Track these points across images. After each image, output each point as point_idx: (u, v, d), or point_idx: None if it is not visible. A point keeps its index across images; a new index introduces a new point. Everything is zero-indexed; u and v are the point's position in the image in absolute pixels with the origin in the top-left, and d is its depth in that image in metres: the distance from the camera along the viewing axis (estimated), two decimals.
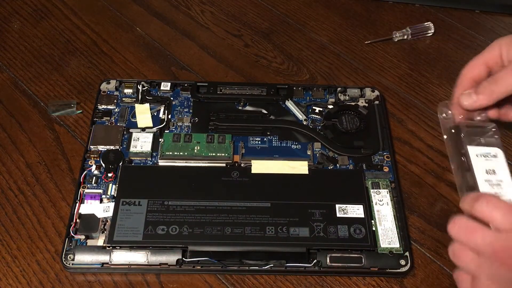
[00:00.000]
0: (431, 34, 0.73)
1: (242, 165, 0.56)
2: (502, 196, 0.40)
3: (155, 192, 0.52)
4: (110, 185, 0.54)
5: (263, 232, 0.50)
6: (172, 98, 0.62)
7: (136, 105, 0.61)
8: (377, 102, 0.63)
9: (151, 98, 0.62)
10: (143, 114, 0.60)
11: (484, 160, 0.43)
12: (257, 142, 0.58)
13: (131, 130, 0.58)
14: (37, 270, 0.50)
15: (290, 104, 0.62)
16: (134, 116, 0.60)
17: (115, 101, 0.61)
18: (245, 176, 0.54)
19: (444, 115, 0.47)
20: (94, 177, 0.54)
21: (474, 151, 0.43)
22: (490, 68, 0.45)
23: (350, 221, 0.51)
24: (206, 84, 0.63)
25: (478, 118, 0.45)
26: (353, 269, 0.49)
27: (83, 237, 0.50)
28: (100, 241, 0.50)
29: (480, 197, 0.37)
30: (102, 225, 0.51)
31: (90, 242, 0.50)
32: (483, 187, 0.41)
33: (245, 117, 0.61)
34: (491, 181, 0.41)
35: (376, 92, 0.63)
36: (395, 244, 0.50)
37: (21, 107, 0.62)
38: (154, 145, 0.57)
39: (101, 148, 0.57)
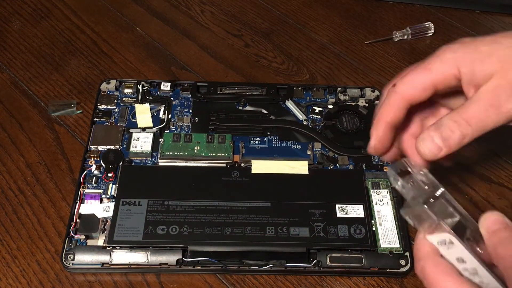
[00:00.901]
0: (431, 34, 0.73)
1: (242, 165, 0.56)
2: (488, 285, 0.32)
3: (155, 192, 0.52)
4: (110, 185, 0.54)
5: (263, 232, 0.50)
6: (172, 98, 0.62)
7: (136, 105, 0.61)
8: (377, 102, 0.63)
9: (151, 98, 0.62)
10: (143, 114, 0.60)
11: (446, 249, 0.32)
12: (257, 142, 0.58)
13: (131, 130, 0.58)
14: (37, 270, 0.50)
15: (290, 104, 0.62)
16: (134, 116, 0.60)
17: (115, 101, 0.61)
18: (245, 176, 0.54)
19: (399, 183, 0.34)
20: (94, 177, 0.54)
21: (432, 240, 0.33)
22: (437, 93, 0.33)
23: (350, 221, 0.51)
24: (206, 84, 0.63)
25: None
26: (353, 269, 0.49)
27: (83, 237, 0.50)
28: (100, 241, 0.50)
29: (423, 276, 0.32)
30: (102, 225, 0.51)
31: (90, 242, 0.50)
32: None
33: (245, 117, 0.61)
34: (468, 270, 0.32)
35: (376, 92, 0.63)
36: (395, 244, 0.50)
37: (21, 107, 0.62)
38: (154, 145, 0.57)
39: (101, 148, 0.57)
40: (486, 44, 0.33)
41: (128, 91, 0.62)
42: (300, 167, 0.55)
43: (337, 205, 0.52)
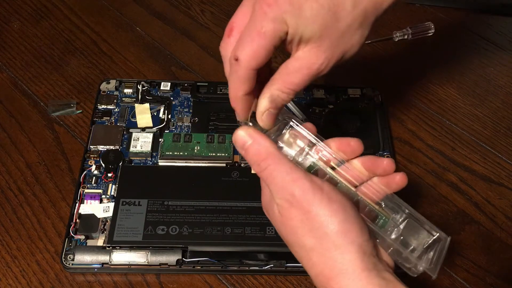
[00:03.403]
0: (431, 34, 0.72)
1: (242, 165, 0.56)
2: None
3: (155, 192, 0.52)
4: (110, 185, 0.54)
5: (263, 232, 0.50)
6: (172, 98, 0.62)
7: (136, 105, 0.61)
8: (377, 102, 0.62)
9: (151, 98, 0.62)
10: (143, 114, 0.60)
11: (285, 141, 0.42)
12: None
13: (131, 130, 0.58)
14: (37, 270, 0.50)
15: (290, 104, 0.62)
16: (134, 116, 0.60)
17: (115, 101, 0.61)
18: (245, 176, 0.54)
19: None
20: (94, 177, 0.54)
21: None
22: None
23: None
24: (206, 84, 0.63)
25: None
26: None
27: (83, 237, 0.50)
28: (100, 241, 0.50)
29: (260, 171, 0.38)
30: (102, 225, 0.51)
31: (90, 242, 0.50)
32: None
33: None
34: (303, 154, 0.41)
35: (376, 92, 0.63)
36: None
37: (21, 107, 0.62)
38: (154, 145, 0.57)
39: (101, 148, 0.57)
40: (309, 9, 0.36)
41: (128, 91, 0.62)
42: None
43: None
